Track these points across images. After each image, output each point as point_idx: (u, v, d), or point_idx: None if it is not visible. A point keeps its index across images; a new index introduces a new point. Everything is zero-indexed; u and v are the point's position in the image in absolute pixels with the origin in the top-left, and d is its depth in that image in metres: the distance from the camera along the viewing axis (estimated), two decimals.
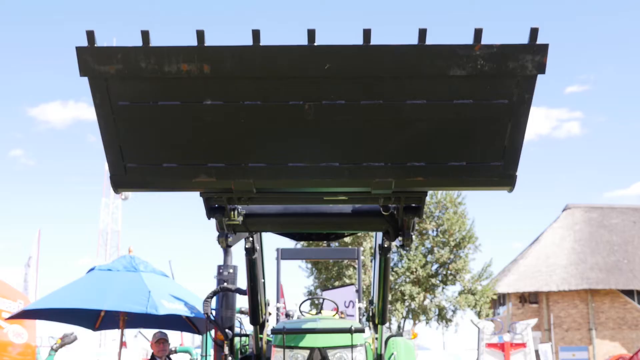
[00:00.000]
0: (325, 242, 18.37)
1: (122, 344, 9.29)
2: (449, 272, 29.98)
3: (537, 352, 17.28)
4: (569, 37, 66.19)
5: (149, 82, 3.06)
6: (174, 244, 75.69)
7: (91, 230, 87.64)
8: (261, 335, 6.15)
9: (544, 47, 2.96)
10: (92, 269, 9.00)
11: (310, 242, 20.63)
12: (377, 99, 3.10)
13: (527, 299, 38.45)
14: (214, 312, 7.09)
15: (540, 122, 62.57)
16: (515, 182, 3.32)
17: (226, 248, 6.35)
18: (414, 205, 3.87)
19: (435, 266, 30.12)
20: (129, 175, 3.30)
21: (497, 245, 69.49)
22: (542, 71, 2.99)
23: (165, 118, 3.16)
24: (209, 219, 3.95)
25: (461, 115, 3.13)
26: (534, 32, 2.95)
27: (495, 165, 3.25)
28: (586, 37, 67.53)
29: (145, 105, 3.13)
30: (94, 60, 2.98)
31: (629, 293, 37.34)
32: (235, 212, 4.04)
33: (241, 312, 7.58)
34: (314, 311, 7.84)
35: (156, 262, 9.33)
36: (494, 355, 14.86)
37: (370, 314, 6.33)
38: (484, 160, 3.25)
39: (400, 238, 4.32)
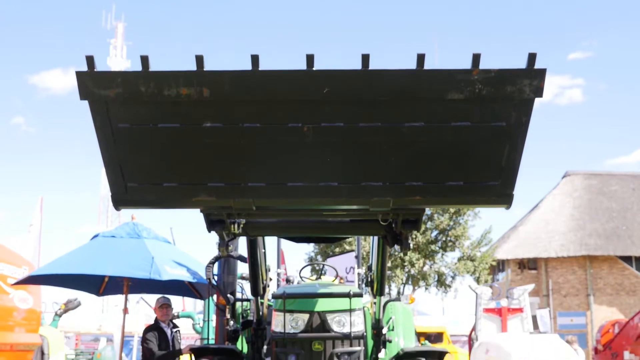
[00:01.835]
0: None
1: (125, 309, 9.41)
2: (448, 238, 30.08)
3: (534, 317, 17.44)
4: (572, 3, 65.59)
5: (149, 106, 3.07)
6: (175, 211, 75.77)
7: (92, 198, 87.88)
8: (262, 300, 6.27)
9: (542, 72, 2.95)
10: (96, 236, 9.06)
11: None
12: (376, 122, 3.11)
13: (526, 265, 38.62)
14: (216, 278, 7.16)
15: None
16: (512, 201, 3.34)
17: (227, 255, 6.40)
18: (412, 219, 3.93)
19: (434, 233, 30.22)
20: (130, 193, 3.33)
21: (496, 211, 69.77)
22: (540, 95, 2.98)
23: (165, 139, 3.18)
24: (209, 232, 3.97)
25: (459, 137, 3.14)
26: (531, 58, 2.94)
27: (493, 185, 3.29)
28: (589, 3, 66.93)
29: (145, 128, 3.15)
30: (94, 85, 2.99)
31: (627, 259, 37.51)
32: (235, 225, 4.05)
33: (242, 278, 7.66)
34: (314, 277, 7.96)
35: (157, 229, 9.42)
36: (492, 320, 15.00)
37: (369, 280, 6.45)
38: (482, 180, 3.29)
39: (398, 246, 4.38)
